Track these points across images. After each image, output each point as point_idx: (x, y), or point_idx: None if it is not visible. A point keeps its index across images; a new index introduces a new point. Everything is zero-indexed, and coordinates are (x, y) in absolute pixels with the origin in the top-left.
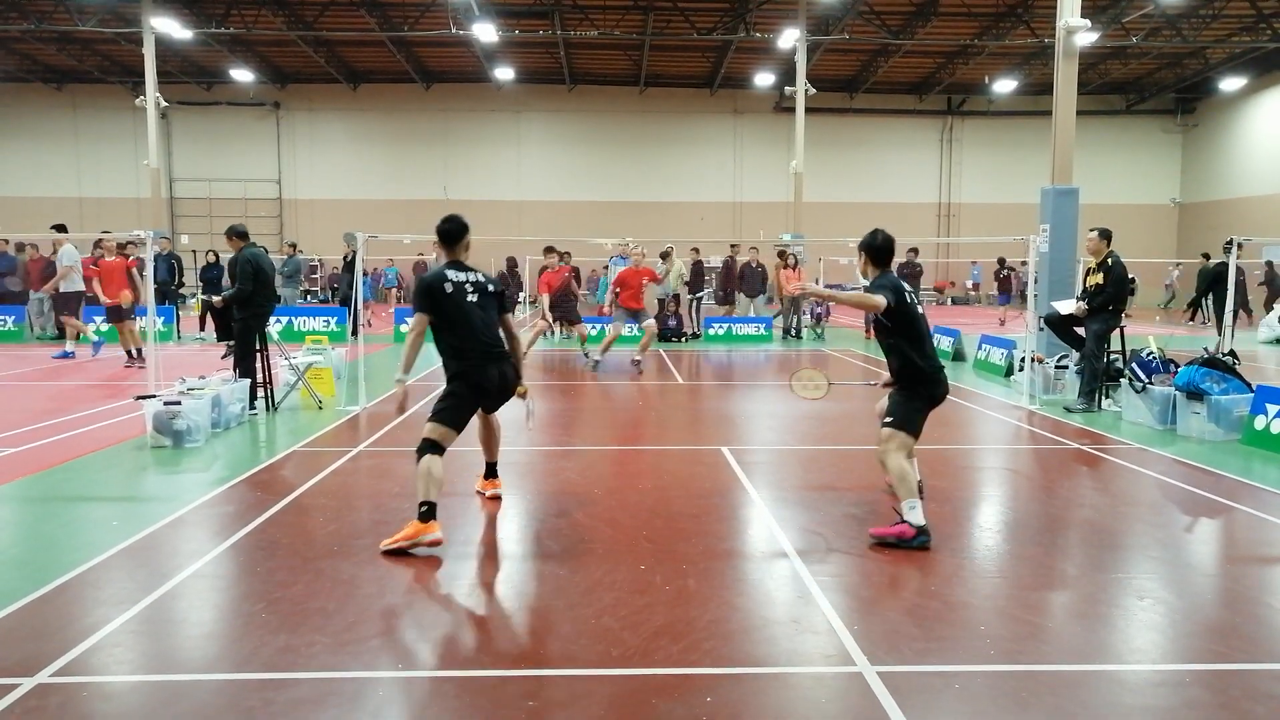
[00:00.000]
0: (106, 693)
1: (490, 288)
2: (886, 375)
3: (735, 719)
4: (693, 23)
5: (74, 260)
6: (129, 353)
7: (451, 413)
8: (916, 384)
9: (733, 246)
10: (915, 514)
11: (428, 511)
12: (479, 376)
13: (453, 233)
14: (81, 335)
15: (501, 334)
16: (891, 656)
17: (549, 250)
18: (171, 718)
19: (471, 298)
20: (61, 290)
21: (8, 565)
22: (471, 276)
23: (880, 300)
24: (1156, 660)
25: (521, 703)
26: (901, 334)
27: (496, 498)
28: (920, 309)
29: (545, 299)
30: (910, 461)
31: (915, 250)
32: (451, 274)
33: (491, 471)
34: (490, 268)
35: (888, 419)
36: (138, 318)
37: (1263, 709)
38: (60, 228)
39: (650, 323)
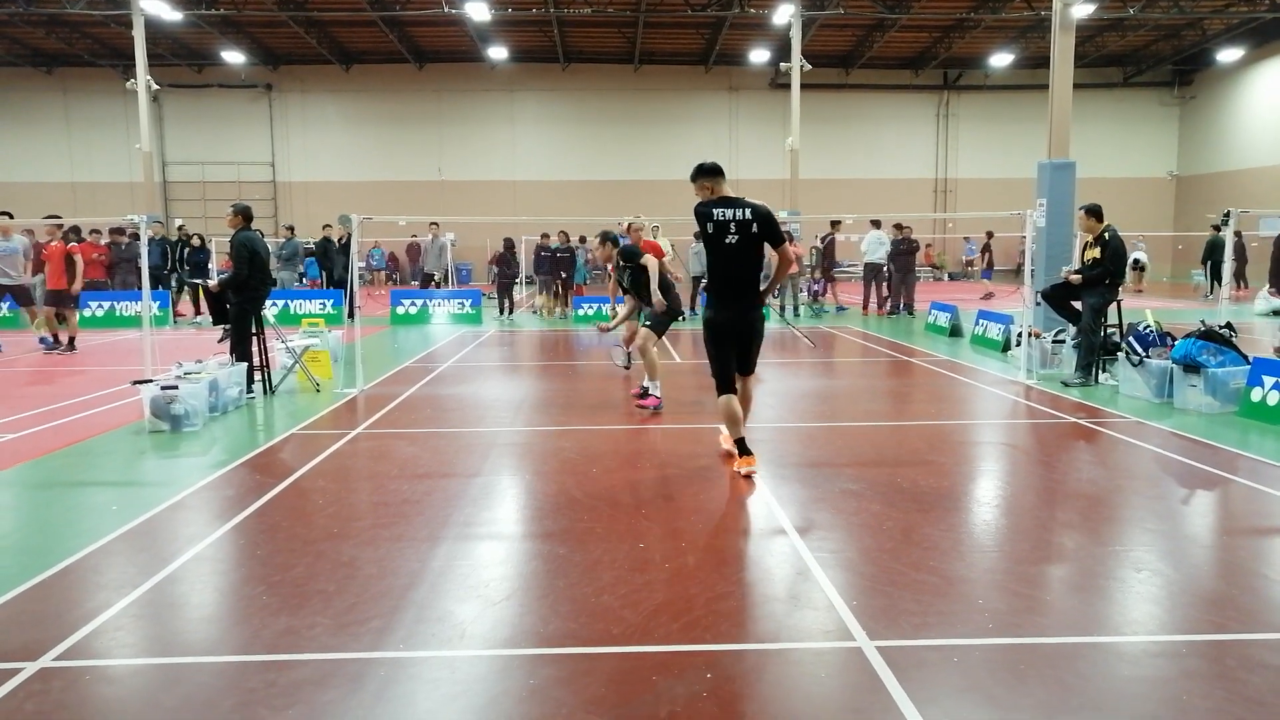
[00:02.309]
0: (109, 676)
1: (754, 227)
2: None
3: (735, 695)
4: None
5: None
6: (69, 339)
7: (711, 354)
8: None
9: (834, 224)
10: (655, 389)
11: (738, 445)
12: (717, 317)
13: (712, 169)
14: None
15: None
16: (890, 631)
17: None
18: (174, 700)
19: (731, 238)
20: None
21: (9, 551)
22: (738, 214)
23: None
24: (1154, 631)
25: (523, 681)
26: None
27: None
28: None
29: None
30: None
31: (899, 226)
32: (719, 210)
33: (742, 447)
34: (486, 249)
35: (646, 323)
36: (78, 307)
37: (1259, 678)
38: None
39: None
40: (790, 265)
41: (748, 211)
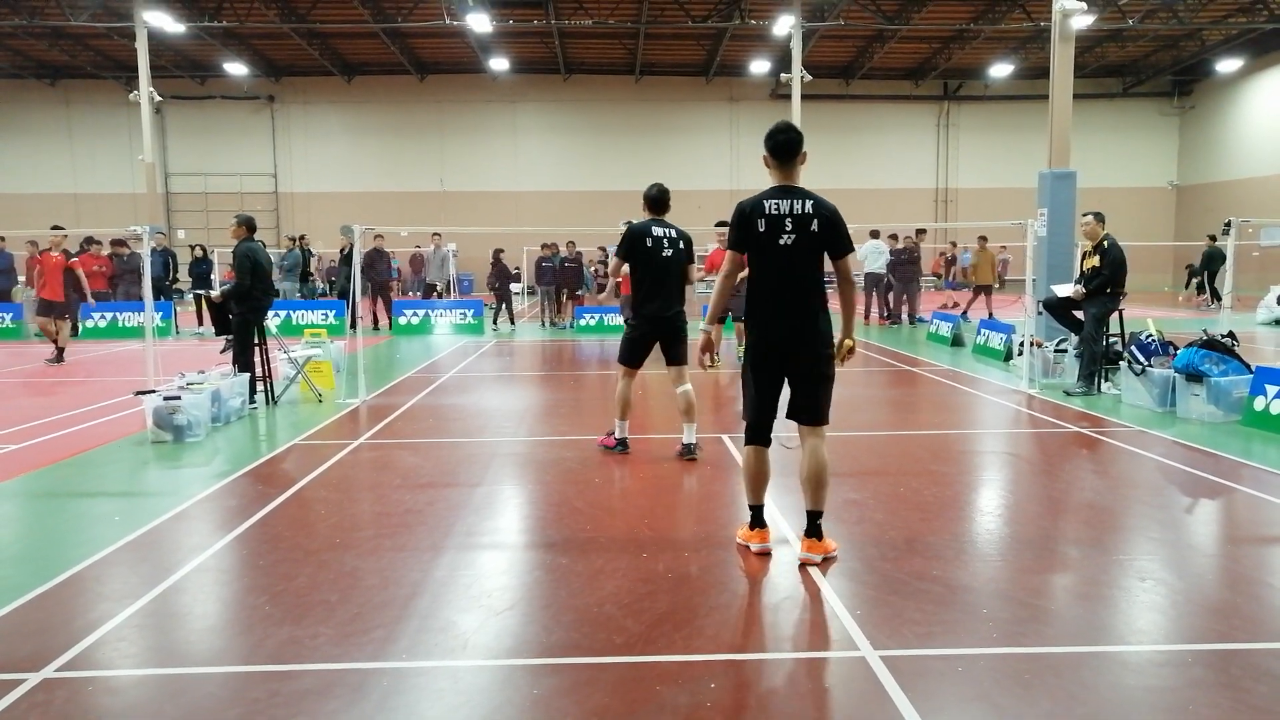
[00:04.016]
0: (112, 687)
1: (815, 225)
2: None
3: (738, 705)
4: (687, 10)
5: None
6: (58, 350)
7: (747, 391)
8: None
9: (919, 232)
10: (620, 430)
11: (753, 513)
12: (760, 343)
13: (787, 143)
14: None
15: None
16: (894, 641)
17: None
18: (178, 711)
19: (786, 238)
20: None
21: (11, 561)
22: (797, 207)
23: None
24: (1158, 641)
25: (526, 691)
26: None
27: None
28: (663, 257)
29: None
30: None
31: (895, 236)
32: (773, 203)
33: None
34: (489, 260)
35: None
36: (69, 319)
37: (1265, 687)
38: None
39: None
40: (854, 288)
41: (809, 204)
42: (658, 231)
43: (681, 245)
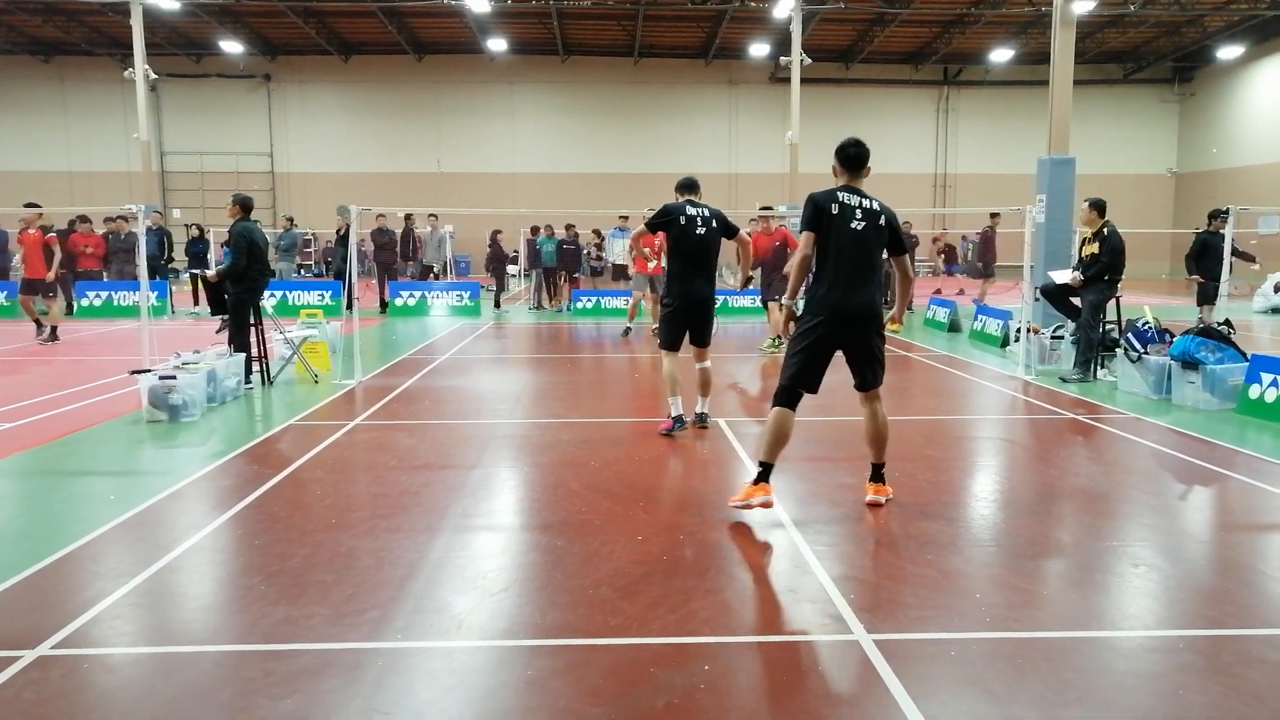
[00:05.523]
0: (108, 664)
1: (882, 219)
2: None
3: (733, 687)
4: None
5: None
6: (50, 329)
7: (791, 351)
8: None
9: (993, 215)
10: (674, 408)
11: (762, 468)
12: (821, 306)
13: (857, 155)
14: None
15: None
16: (888, 624)
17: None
18: (172, 689)
19: (857, 224)
20: None
21: (6, 539)
22: (865, 203)
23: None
24: (1151, 626)
25: (520, 672)
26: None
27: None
28: (697, 235)
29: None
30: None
31: (996, 214)
32: (845, 195)
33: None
34: (485, 242)
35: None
36: (55, 296)
37: (1255, 673)
38: None
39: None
40: (911, 281)
41: (877, 203)
42: (692, 210)
43: (715, 224)
